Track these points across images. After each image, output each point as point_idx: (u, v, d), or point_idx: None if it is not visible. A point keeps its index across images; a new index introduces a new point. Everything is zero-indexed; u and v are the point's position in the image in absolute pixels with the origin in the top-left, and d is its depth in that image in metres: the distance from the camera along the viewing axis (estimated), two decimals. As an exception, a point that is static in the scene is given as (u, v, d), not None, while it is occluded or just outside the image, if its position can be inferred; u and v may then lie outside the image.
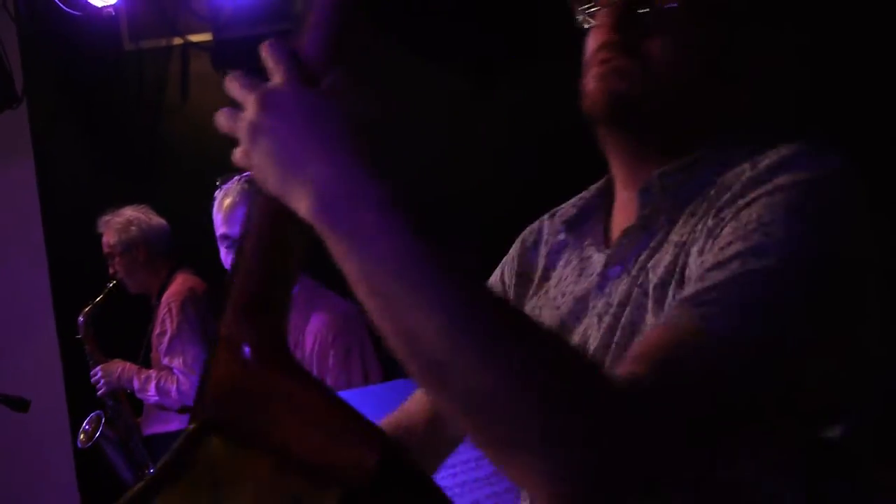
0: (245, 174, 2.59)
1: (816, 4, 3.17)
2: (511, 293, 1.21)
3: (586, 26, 1.08)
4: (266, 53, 0.87)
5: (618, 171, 1.11)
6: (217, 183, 2.68)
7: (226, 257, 2.57)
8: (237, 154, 0.85)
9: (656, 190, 1.02)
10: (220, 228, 2.59)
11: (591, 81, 1.04)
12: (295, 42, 0.87)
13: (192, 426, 0.85)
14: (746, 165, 0.94)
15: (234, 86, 0.87)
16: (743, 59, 1.06)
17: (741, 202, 0.89)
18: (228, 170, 3.77)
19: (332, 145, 0.78)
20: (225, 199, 2.60)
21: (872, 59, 3.35)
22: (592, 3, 1.08)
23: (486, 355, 0.71)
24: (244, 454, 0.83)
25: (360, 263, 0.75)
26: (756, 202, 0.88)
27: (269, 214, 0.86)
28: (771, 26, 1.08)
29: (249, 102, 0.84)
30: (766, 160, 0.93)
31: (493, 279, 1.26)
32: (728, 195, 0.92)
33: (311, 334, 2.53)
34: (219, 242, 2.61)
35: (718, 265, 0.84)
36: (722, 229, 0.89)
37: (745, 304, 0.81)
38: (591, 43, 1.06)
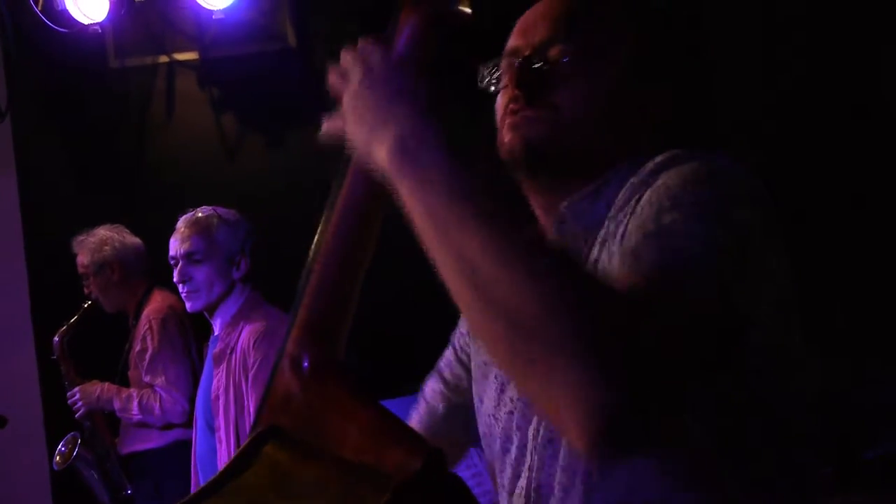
0: (202, 208, 2.94)
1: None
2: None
3: (493, 90, 1.20)
4: (362, 42, 1.02)
5: (537, 207, 1.20)
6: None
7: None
8: (329, 119, 1.06)
9: (568, 219, 1.14)
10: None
11: (505, 133, 1.15)
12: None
13: (256, 431, 0.97)
14: (633, 179, 1.06)
15: (346, 55, 1.02)
16: (635, 95, 1.16)
17: (637, 207, 1.01)
18: (211, 188, 3.78)
19: (413, 102, 0.94)
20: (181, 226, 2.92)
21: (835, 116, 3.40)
22: (495, 67, 1.20)
23: (529, 272, 0.83)
24: (301, 458, 0.94)
25: (424, 196, 0.89)
26: (645, 198, 1.00)
27: (341, 242, 1.02)
28: (657, 65, 1.19)
29: (356, 67, 1.00)
30: (650, 165, 1.06)
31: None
32: (627, 208, 1.05)
33: (243, 337, 2.78)
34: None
35: (633, 252, 0.95)
36: (626, 229, 1.01)
37: (670, 248, 0.93)
38: (500, 102, 1.18)
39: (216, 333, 2.90)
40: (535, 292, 0.82)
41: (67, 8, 3.87)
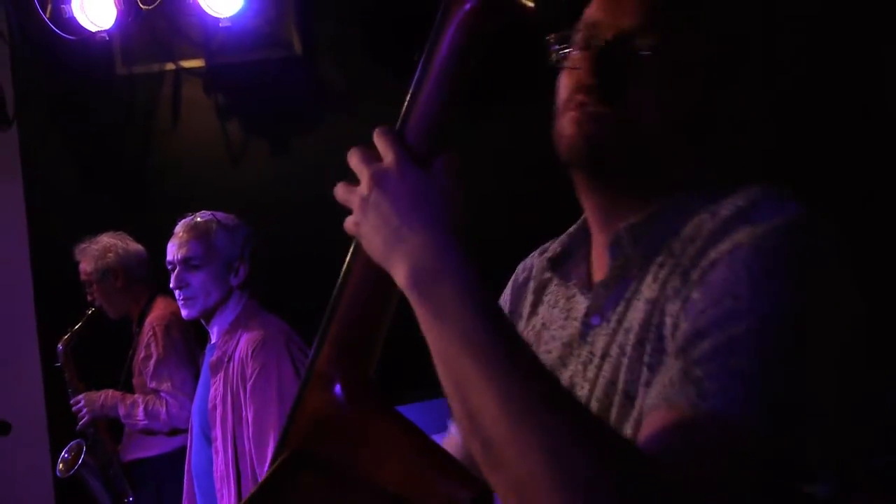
0: (201, 212, 2.89)
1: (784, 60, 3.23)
2: None
3: (560, 66, 1.07)
4: (377, 137, 0.94)
5: (591, 215, 1.12)
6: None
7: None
8: (348, 222, 0.93)
9: (625, 242, 1.03)
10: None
11: (567, 125, 1.03)
12: (402, 127, 0.95)
13: (284, 455, 0.90)
14: (706, 216, 0.95)
15: (353, 159, 0.94)
16: (714, 114, 1.05)
17: (704, 263, 0.91)
18: (216, 194, 3.79)
19: (431, 224, 0.86)
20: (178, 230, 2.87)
21: (837, 116, 3.39)
22: (567, 44, 1.06)
23: (540, 448, 0.76)
24: (337, 487, 0.88)
25: (439, 338, 0.83)
26: (719, 263, 0.89)
27: (374, 269, 0.91)
28: (743, 82, 1.07)
29: (364, 177, 0.91)
30: (724, 210, 0.94)
31: None
32: (691, 249, 0.94)
33: (240, 346, 2.72)
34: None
35: (698, 335, 0.85)
36: (691, 291, 0.90)
37: (734, 372, 0.82)
38: (567, 84, 1.05)
39: (213, 341, 2.85)
40: (548, 467, 0.76)
41: (75, 15, 3.89)
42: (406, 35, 4.00)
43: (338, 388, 0.91)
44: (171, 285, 2.83)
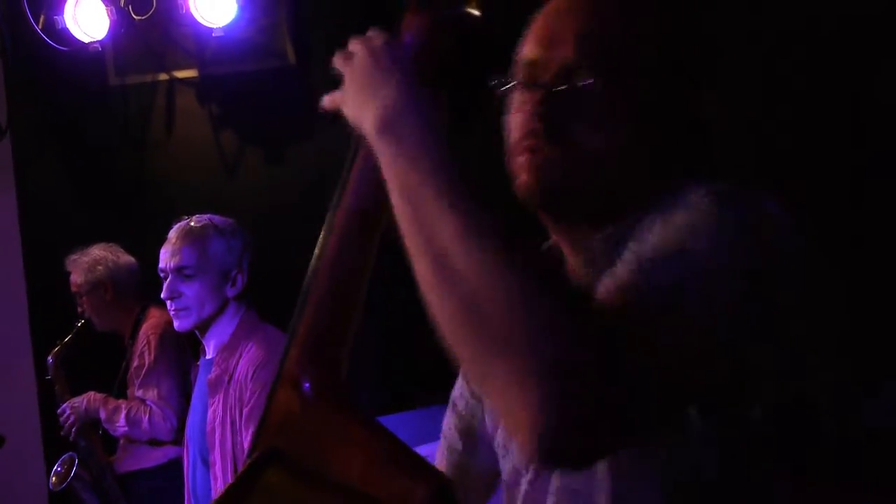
0: (197, 216, 2.71)
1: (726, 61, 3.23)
2: None
3: (505, 109, 1.07)
4: (370, 30, 1.04)
5: (560, 240, 1.10)
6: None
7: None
8: (329, 97, 1.05)
9: (597, 256, 1.03)
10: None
11: (520, 171, 1.03)
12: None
13: (255, 454, 0.93)
14: (656, 216, 0.96)
15: (352, 40, 1.04)
16: (669, 122, 1.04)
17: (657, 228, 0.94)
18: (210, 205, 3.78)
19: (401, 80, 0.96)
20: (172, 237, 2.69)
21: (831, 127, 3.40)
22: (508, 85, 1.06)
23: (496, 261, 0.83)
24: (304, 486, 0.91)
25: (402, 169, 0.90)
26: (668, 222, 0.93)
27: (344, 252, 0.98)
28: (690, 86, 1.06)
29: (356, 48, 1.01)
30: (668, 208, 0.96)
31: None
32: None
33: (241, 366, 2.57)
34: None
35: (640, 268, 0.90)
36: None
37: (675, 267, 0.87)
38: (514, 125, 1.05)
39: (210, 356, 2.68)
40: (498, 282, 0.82)
41: (68, 26, 3.89)
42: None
43: (306, 387, 0.93)
44: (162, 295, 2.65)
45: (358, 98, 0.98)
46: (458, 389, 1.28)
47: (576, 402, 0.78)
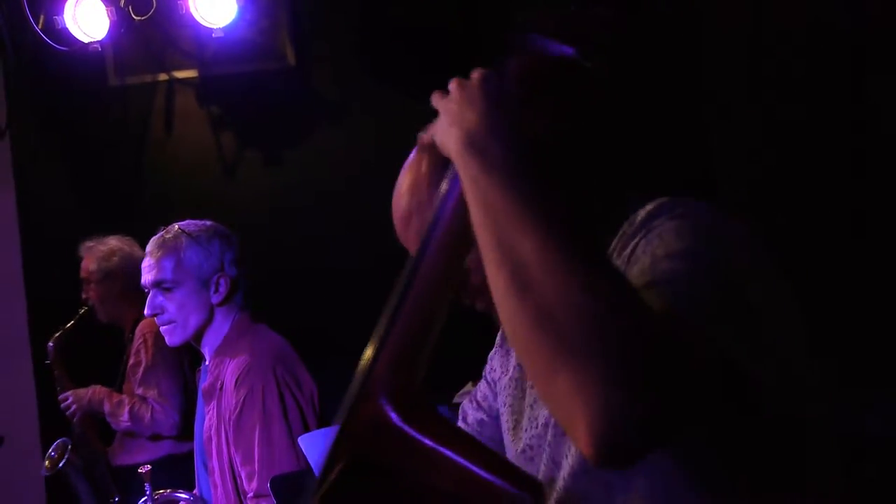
0: (171, 226, 2.63)
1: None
2: (500, 356, 1.36)
3: None
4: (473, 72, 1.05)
5: None
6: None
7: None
8: (428, 132, 1.09)
9: None
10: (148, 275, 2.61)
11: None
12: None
13: (343, 463, 0.92)
14: (625, 226, 1.07)
15: (452, 82, 1.05)
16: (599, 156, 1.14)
17: (630, 254, 1.02)
18: (210, 205, 3.78)
19: (490, 103, 0.99)
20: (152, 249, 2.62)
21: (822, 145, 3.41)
22: None
23: (571, 277, 0.86)
24: (396, 493, 0.91)
25: (483, 187, 0.93)
26: (634, 258, 1.01)
27: (436, 277, 0.99)
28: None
29: (453, 83, 1.04)
30: (641, 213, 1.05)
31: (495, 345, 1.40)
32: (616, 252, 1.06)
33: (228, 373, 2.52)
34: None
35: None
36: None
37: (668, 294, 0.93)
38: None
39: (206, 363, 2.65)
40: (577, 298, 0.85)
41: (67, 26, 3.89)
42: (399, 46, 4.02)
43: (389, 399, 0.94)
44: (145, 312, 2.60)
45: (446, 121, 1.01)
46: (483, 393, 1.38)
47: (638, 411, 0.82)
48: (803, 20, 3.35)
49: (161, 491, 2.63)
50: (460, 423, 1.39)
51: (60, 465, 3.47)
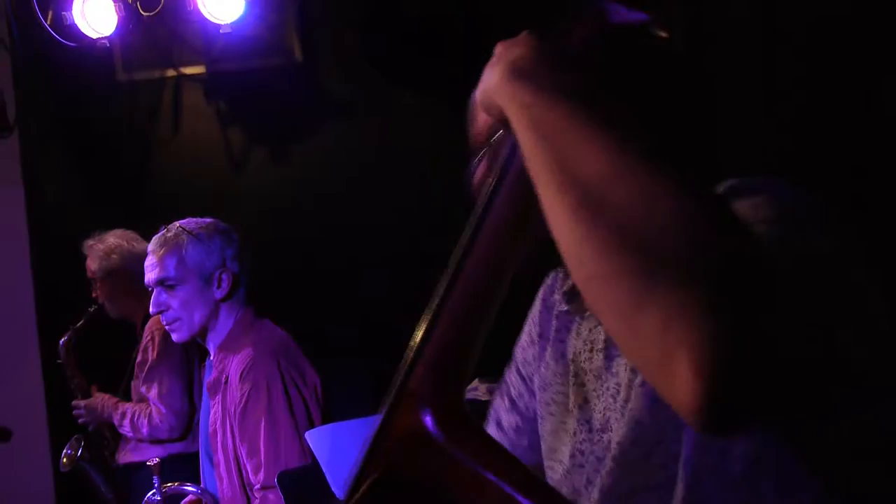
0: (172, 224, 2.67)
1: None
2: (534, 351, 1.24)
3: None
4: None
5: None
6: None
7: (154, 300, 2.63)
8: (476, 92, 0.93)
9: None
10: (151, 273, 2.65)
11: None
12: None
13: (374, 477, 0.85)
14: None
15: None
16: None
17: None
18: (217, 201, 3.79)
19: (534, 41, 0.87)
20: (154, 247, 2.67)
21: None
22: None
23: (655, 186, 0.73)
24: None
25: (538, 112, 0.80)
26: None
27: (480, 285, 0.88)
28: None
29: (500, 48, 0.90)
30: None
31: (523, 338, 1.28)
32: None
33: (233, 368, 2.55)
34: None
35: None
36: None
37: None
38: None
39: (211, 358, 2.68)
40: (667, 207, 0.71)
41: (76, 22, 3.89)
42: (406, 42, 4.01)
43: (429, 410, 0.85)
44: (150, 310, 2.65)
45: (490, 70, 0.88)
46: (515, 388, 1.28)
47: (757, 342, 0.67)
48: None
49: (169, 484, 2.66)
50: (492, 428, 1.29)
51: (76, 461, 3.50)
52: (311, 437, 2.27)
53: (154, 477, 2.58)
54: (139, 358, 3.52)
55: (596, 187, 0.74)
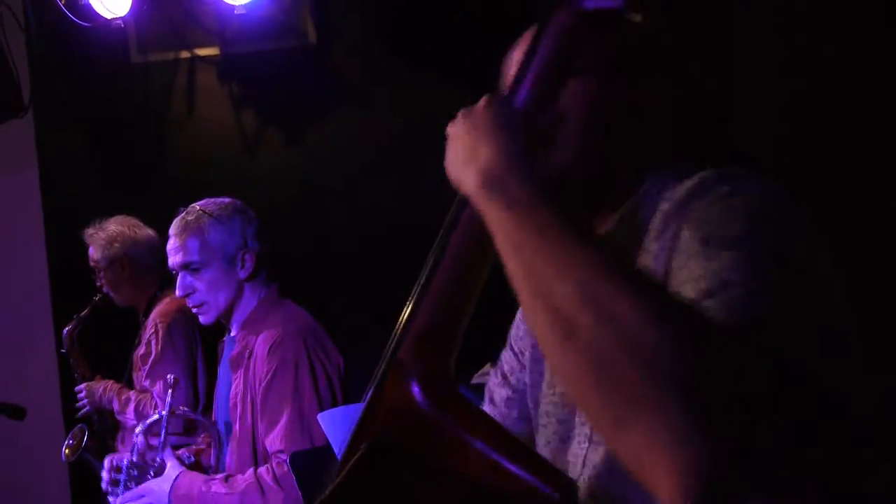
0: (191, 207, 2.68)
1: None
2: (526, 326, 1.29)
3: None
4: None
5: None
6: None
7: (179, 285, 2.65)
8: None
9: (615, 242, 1.08)
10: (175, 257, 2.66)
11: None
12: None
13: (364, 446, 0.89)
14: (665, 205, 1.01)
15: (459, 112, 1.02)
16: (628, 112, 1.09)
17: (672, 240, 0.95)
18: (231, 183, 3.79)
19: (501, 138, 0.93)
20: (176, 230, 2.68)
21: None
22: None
23: (611, 311, 0.75)
24: (416, 478, 0.87)
25: (509, 229, 0.86)
26: (686, 232, 0.92)
27: (464, 257, 0.95)
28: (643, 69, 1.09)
29: (462, 113, 1.00)
30: (681, 189, 1.00)
31: (518, 315, 1.33)
32: (655, 233, 1.00)
33: (259, 344, 2.58)
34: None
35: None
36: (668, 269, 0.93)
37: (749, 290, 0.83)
38: None
39: (233, 334, 2.71)
40: (632, 339, 0.74)
41: (91, 2, 3.89)
42: (421, 24, 3.99)
43: (417, 380, 0.89)
44: (177, 293, 2.66)
45: (460, 158, 0.95)
46: (509, 363, 1.32)
47: (727, 461, 0.71)
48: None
49: (180, 407, 2.78)
50: (487, 404, 1.34)
51: (80, 451, 3.48)
52: (323, 418, 2.28)
53: (168, 392, 2.64)
54: (142, 350, 3.49)
55: (567, 311, 0.78)
